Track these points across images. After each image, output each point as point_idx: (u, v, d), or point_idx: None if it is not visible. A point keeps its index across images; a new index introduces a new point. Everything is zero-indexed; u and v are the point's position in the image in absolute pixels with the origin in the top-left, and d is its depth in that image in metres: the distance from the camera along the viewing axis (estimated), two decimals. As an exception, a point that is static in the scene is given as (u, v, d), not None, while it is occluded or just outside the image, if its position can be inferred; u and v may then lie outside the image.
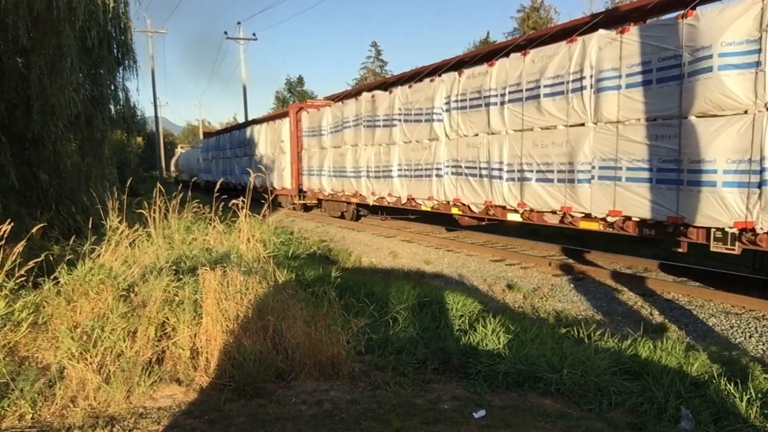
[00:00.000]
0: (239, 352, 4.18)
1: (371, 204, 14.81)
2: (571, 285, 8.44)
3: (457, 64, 11.97)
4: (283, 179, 20.24)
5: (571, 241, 11.92)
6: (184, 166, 43.96)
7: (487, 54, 11.20)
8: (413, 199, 12.74)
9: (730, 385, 3.90)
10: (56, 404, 3.65)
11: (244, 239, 6.12)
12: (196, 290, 4.73)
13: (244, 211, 6.16)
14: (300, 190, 19.45)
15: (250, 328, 4.39)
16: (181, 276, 5.08)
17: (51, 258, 5.33)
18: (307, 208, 20.90)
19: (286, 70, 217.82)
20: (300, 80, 61.94)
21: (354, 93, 16.99)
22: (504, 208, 9.93)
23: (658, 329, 6.37)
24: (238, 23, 55.24)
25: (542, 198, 8.92)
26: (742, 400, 3.71)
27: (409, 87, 12.56)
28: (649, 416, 3.71)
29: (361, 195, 15.14)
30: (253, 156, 23.48)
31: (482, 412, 3.66)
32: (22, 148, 9.49)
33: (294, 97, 58.82)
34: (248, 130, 24.70)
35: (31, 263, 4.69)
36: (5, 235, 4.73)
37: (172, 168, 51.17)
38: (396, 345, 4.81)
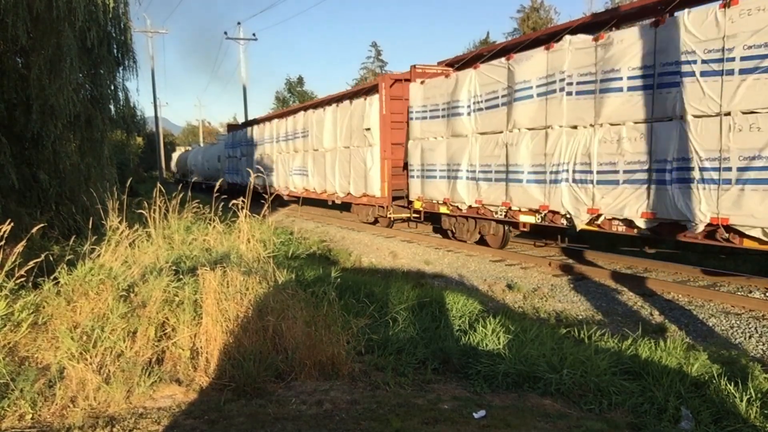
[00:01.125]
0: (239, 352, 4.18)
1: (580, 228, 8.78)
2: (571, 285, 8.44)
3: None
4: (368, 181, 14.64)
5: (571, 241, 11.91)
6: (196, 165, 38.22)
7: None
8: (731, 226, 6.74)
9: (730, 385, 3.90)
10: (56, 404, 3.65)
11: (244, 239, 6.12)
12: (196, 290, 4.74)
13: (244, 211, 6.16)
14: (395, 198, 13.91)
15: (250, 328, 4.40)
16: (181, 276, 5.08)
17: (51, 258, 5.32)
18: (389, 223, 15.04)
19: (286, 70, 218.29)
20: (300, 80, 61.93)
21: (531, 41, 10.32)
22: None
23: (658, 329, 6.37)
24: (238, 23, 55.36)
25: None
26: (742, 400, 3.70)
27: (728, 6, 6.47)
28: (649, 416, 3.71)
29: (552, 213, 9.23)
30: (309, 152, 18.19)
31: (482, 413, 3.66)
32: (22, 148, 9.50)
33: (294, 97, 58.73)
34: (300, 118, 18.90)
35: (30, 263, 4.68)
36: (5, 235, 4.73)
37: (173, 168, 51.04)
38: (396, 345, 4.81)
